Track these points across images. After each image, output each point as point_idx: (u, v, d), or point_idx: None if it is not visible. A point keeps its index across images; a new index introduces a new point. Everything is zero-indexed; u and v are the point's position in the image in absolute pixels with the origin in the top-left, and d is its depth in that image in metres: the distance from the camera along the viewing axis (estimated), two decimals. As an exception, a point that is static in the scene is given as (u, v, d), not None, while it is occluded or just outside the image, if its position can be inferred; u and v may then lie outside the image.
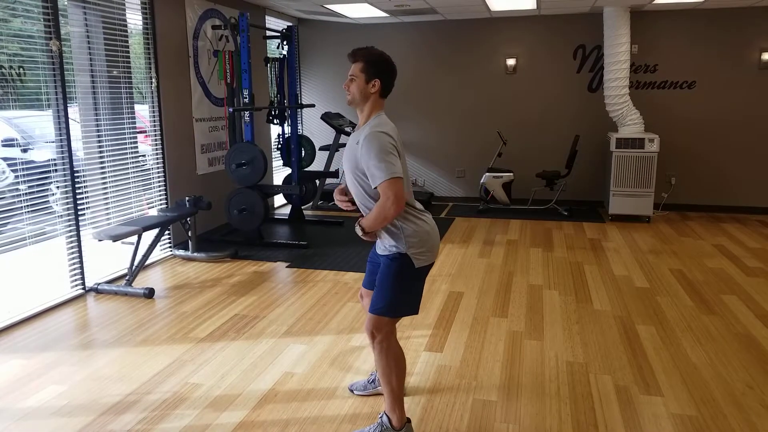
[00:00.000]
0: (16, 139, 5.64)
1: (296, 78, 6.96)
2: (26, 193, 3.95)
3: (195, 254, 5.27)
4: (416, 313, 2.47)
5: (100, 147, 4.70)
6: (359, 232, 2.39)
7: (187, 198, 5.16)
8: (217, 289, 4.49)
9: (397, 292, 2.39)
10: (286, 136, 6.71)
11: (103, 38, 4.65)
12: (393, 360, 2.44)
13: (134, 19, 5.02)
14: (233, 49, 5.76)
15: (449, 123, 7.87)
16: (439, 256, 5.32)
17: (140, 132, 5.28)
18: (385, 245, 2.41)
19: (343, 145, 7.12)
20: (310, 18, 7.84)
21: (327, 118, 7.31)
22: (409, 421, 2.52)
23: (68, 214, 4.29)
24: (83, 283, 4.40)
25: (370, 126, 2.30)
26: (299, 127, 7.86)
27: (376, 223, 2.31)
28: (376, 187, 2.24)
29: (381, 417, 2.50)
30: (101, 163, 4.71)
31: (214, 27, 6.01)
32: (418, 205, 2.46)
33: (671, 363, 3.20)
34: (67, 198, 4.28)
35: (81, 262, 4.38)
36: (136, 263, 4.49)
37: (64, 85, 4.14)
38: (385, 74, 2.35)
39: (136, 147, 5.07)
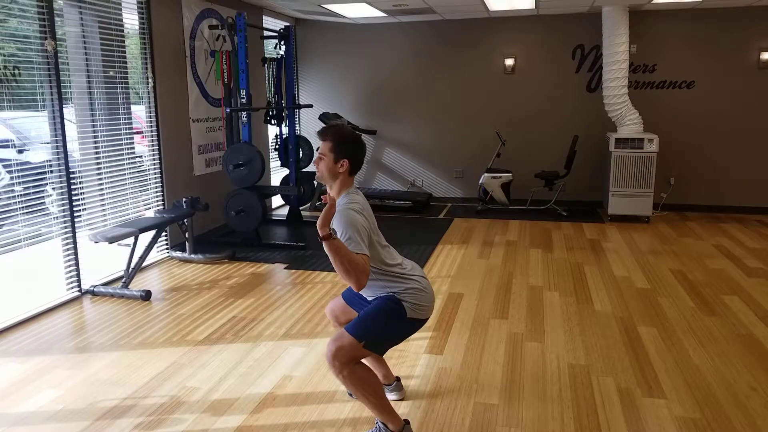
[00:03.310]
0: (12, 140, 5.60)
1: (294, 78, 6.93)
2: (22, 195, 3.91)
3: (192, 256, 5.23)
4: (381, 354, 2.46)
5: (96, 148, 4.66)
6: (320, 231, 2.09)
7: (184, 199, 5.12)
8: (215, 291, 4.45)
9: (381, 327, 2.36)
10: (284, 136, 6.68)
11: (99, 39, 4.62)
12: (361, 381, 2.35)
13: (131, 20, 4.98)
14: (230, 49, 5.72)
15: (447, 123, 7.84)
16: (438, 257, 5.29)
17: (137, 133, 5.24)
18: (374, 293, 2.43)
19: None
20: (308, 18, 7.80)
21: (325, 118, 7.29)
22: (407, 422, 2.49)
23: (64, 216, 4.25)
24: (79, 286, 4.35)
25: (341, 204, 2.30)
26: (297, 128, 7.82)
27: (337, 257, 2.08)
28: None
29: (377, 422, 2.47)
30: (97, 164, 4.67)
31: (211, 27, 5.97)
32: (408, 266, 2.45)
33: (674, 365, 3.18)
34: (62, 199, 4.24)
35: (77, 264, 4.33)
36: (132, 265, 4.46)
37: (59, 86, 4.10)
38: (354, 154, 2.38)
39: (133, 148, 5.03)
